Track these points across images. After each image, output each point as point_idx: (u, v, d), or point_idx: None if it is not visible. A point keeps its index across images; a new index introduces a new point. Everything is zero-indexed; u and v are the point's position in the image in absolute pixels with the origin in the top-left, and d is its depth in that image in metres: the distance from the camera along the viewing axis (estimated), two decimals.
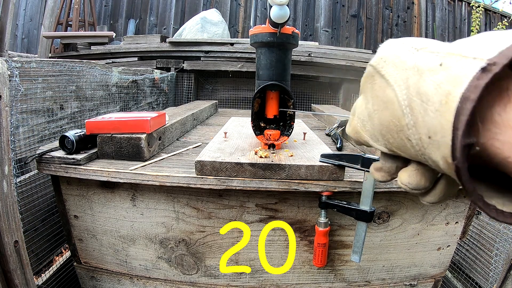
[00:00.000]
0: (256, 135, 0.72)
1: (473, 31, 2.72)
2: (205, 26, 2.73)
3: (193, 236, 0.71)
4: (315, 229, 0.67)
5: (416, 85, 0.21)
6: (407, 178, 0.25)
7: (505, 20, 3.02)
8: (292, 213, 0.70)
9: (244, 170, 0.62)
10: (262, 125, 0.74)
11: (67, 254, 1.05)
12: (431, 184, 0.25)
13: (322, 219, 0.66)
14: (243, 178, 0.62)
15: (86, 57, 2.30)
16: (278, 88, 0.69)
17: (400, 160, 0.28)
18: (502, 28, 2.83)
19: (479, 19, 2.74)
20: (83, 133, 0.71)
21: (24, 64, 0.86)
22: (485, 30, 3.84)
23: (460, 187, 0.22)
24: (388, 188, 0.65)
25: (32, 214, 0.88)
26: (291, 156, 0.67)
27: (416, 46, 0.23)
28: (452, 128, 0.18)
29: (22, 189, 0.85)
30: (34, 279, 0.74)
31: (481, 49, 0.18)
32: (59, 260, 1.03)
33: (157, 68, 2.15)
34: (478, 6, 2.75)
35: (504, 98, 0.17)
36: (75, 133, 0.69)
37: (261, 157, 0.65)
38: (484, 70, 0.17)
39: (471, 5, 3.08)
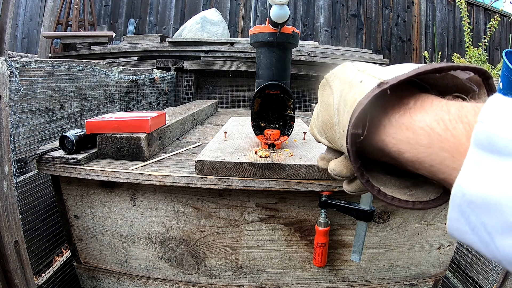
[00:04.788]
0: (256, 134, 0.72)
1: (464, 25, 2.73)
2: (205, 26, 2.73)
3: (193, 236, 0.72)
4: (315, 229, 0.67)
5: (345, 95, 0.28)
6: (333, 166, 0.32)
7: (497, 15, 3.03)
8: (292, 213, 0.70)
9: (244, 169, 0.62)
10: (262, 124, 0.74)
11: (67, 254, 1.05)
12: (352, 175, 0.32)
13: (322, 219, 0.66)
14: (243, 178, 0.62)
15: (86, 57, 2.30)
16: (278, 87, 0.69)
17: (337, 153, 0.35)
18: (495, 23, 2.84)
19: (467, 14, 2.76)
20: (83, 133, 0.71)
21: (24, 64, 0.86)
22: (475, 24, 3.84)
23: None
24: None
25: (32, 214, 0.88)
26: (291, 155, 0.67)
27: (360, 68, 0.30)
28: (348, 122, 0.25)
29: (22, 189, 0.85)
30: (34, 279, 0.74)
31: (387, 73, 0.25)
32: (59, 260, 1.03)
33: (157, 68, 2.15)
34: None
35: (401, 109, 0.23)
36: (75, 133, 0.69)
37: (261, 156, 0.65)
38: (378, 85, 0.23)
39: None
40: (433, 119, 0.21)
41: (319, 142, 0.38)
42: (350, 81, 0.29)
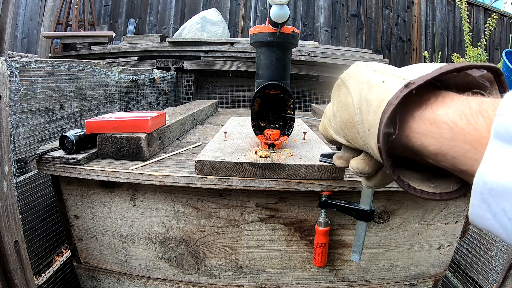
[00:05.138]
0: (256, 134, 0.72)
1: (464, 24, 2.74)
2: (205, 26, 2.73)
3: (193, 235, 0.72)
4: (315, 229, 0.67)
5: (366, 94, 0.29)
6: (355, 164, 0.34)
7: (494, 14, 3.04)
8: (292, 213, 0.70)
9: (244, 169, 0.62)
10: (262, 124, 0.74)
11: (67, 254, 1.05)
12: (373, 171, 0.34)
13: (322, 219, 0.66)
14: (243, 178, 0.62)
15: (86, 57, 2.30)
16: (278, 87, 0.69)
17: (355, 152, 0.36)
18: (493, 22, 2.86)
19: (467, 13, 2.77)
20: (83, 133, 0.71)
21: (24, 64, 0.86)
22: (475, 24, 3.84)
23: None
24: (388, 187, 0.65)
25: (32, 214, 0.88)
26: (291, 155, 0.67)
27: (374, 68, 0.31)
28: (379, 122, 0.26)
29: (22, 189, 0.85)
30: (34, 279, 0.74)
31: (410, 73, 0.26)
32: (59, 260, 1.03)
33: (157, 67, 2.15)
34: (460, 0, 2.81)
35: (423, 104, 0.25)
36: (75, 133, 0.69)
37: (261, 156, 0.65)
38: (406, 86, 0.25)
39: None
40: (456, 114, 0.22)
41: (332, 142, 0.39)
42: (367, 81, 0.30)
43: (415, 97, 0.25)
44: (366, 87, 0.30)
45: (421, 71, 0.25)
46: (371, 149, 0.29)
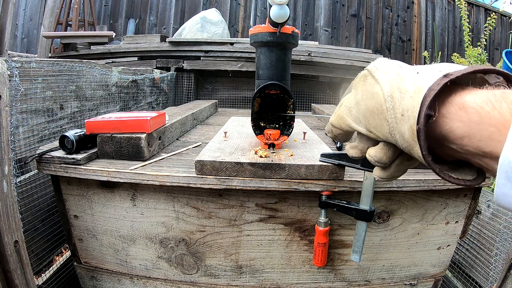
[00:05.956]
0: (256, 134, 0.72)
1: (463, 24, 2.75)
2: (205, 26, 2.73)
3: (193, 235, 0.72)
4: (315, 229, 0.67)
5: (397, 84, 0.32)
6: (374, 152, 0.36)
7: (494, 14, 3.04)
8: (292, 213, 0.70)
9: (244, 169, 0.62)
10: (262, 124, 0.74)
11: (67, 254, 1.05)
12: (390, 162, 0.36)
13: (322, 219, 0.66)
14: (243, 178, 0.62)
15: (86, 57, 2.30)
16: (278, 87, 0.69)
17: (371, 142, 0.38)
18: (492, 21, 2.87)
19: (466, 13, 2.78)
20: (83, 133, 0.71)
21: (24, 64, 0.86)
22: (475, 24, 3.84)
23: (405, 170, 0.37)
24: (388, 187, 0.65)
25: (32, 214, 0.88)
26: (291, 155, 0.67)
27: (400, 65, 0.35)
28: (420, 105, 0.28)
29: (22, 189, 0.85)
30: (34, 279, 0.74)
31: (443, 68, 0.30)
32: (59, 260, 1.03)
33: (157, 67, 2.15)
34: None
35: (452, 92, 0.27)
36: (75, 133, 0.69)
37: (261, 156, 0.65)
38: (445, 76, 0.27)
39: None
40: (482, 100, 0.24)
41: (348, 130, 0.40)
42: (397, 73, 0.33)
43: (445, 88, 0.27)
44: (396, 78, 0.32)
45: (449, 67, 0.29)
46: (399, 135, 0.31)
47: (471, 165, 0.29)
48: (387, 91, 0.32)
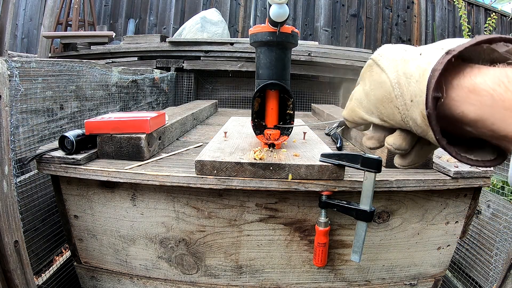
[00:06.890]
0: (256, 134, 0.72)
1: (463, 24, 2.75)
2: (205, 26, 2.73)
3: (193, 235, 0.71)
4: (315, 229, 0.67)
5: (403, 69, 0.30)
6: (392, 140, 0.34)
7: (494, 14, 3.04)
8: (292, 213, 0.70)
9: (244, 169, 0.62)
10: (264, 123, 0.74)
11: (67, 254, 1.05)
12: (410, 147, 0.34)
13: (322, 219, 0.66)
14: (243, 178, 0.62)
15: (86, 57, 2.30)
16: (278, 87, 0.69)
17: (387, 130, 0.37)
18: (492, 22, 2.87)
19: (465, 13, 2.78)
20: (83, 133, 0.71)
21: (24, 64, 0.86)
22: (475, 24, 3.84)
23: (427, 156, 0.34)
24: (388, 187, 0.65)
25: (32, 214, 0.88)
26: (295, 155, 0.67)
27: (404, 48, 0.33)
28: (426, 88, 0.26)
29: (22, 189, 0.85)
30: (34, 279, 0.74)
31: (446, 45, 0.28)
32: (59, 260, 1.03)
33: (157, 67, 2.15)
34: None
35: (460, 73, 0.26)
36: (75, 134, 0.69)
37: (255, 159, 0.64)
38: (447, 53, 0.26)
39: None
40: (494, 81, 0.23)
41: (362, 123, 0.39)
42: (401, 57, 0.31)
43: (451, 68, 0.26)
44: (400, 63, 0.31)
45: (453, 43, 0.27)
46: (412, 121, 0.30)
47: (491, 143, 0.28)
48: (394, 78, 0.31)
